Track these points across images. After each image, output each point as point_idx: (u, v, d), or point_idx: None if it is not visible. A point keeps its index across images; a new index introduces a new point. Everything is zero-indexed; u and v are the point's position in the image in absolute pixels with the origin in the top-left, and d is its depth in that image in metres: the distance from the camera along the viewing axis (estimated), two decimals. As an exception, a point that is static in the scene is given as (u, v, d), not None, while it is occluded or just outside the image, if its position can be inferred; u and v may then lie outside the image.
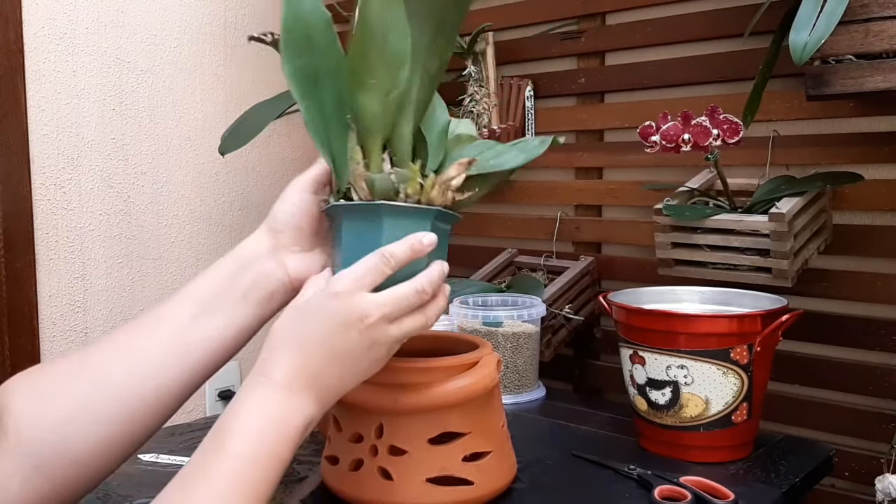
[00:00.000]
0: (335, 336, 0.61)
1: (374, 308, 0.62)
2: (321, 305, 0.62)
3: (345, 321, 0.61)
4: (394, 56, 0.64)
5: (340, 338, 0.61)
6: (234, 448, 0.57)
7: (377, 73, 0.64)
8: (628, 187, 1.34)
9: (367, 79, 0.65)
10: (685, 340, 0.93)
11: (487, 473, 0.79)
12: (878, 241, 1.10)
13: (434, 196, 0.67)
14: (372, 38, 0.63)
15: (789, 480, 0.89)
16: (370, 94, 0.65)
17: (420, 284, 0.65)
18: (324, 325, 0.61)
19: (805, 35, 0.88)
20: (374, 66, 0.64)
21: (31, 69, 1.30)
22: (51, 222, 1.34)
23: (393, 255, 0.63)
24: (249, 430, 0.58)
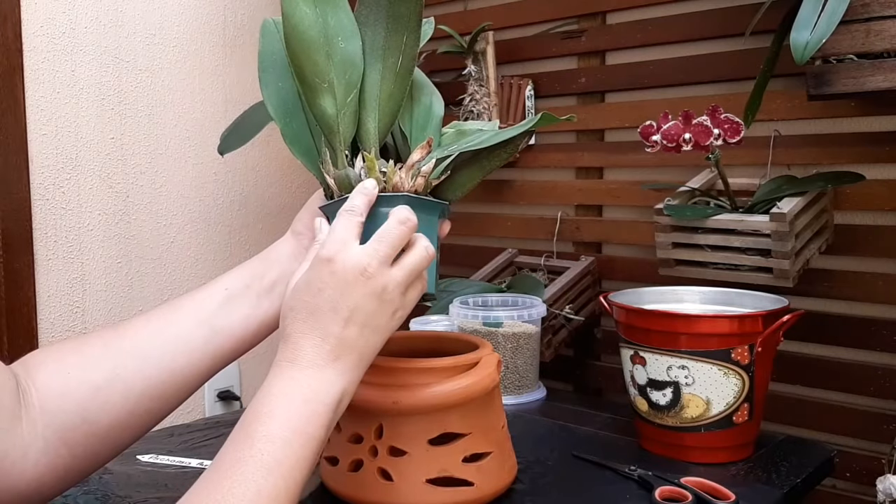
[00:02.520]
0: (342, 298, 0.61)
1: (367, 256, 0.62)
2: (318, 276, 0.62)
3: (345, 280, 0.61)
4: (344, 58, 0.67)
5: (348, 298, 0.61)
6: (262, 432, 0.57)
7: (328, 76, 0.67)
8: (629, 187, 1.34)
9: (318, 83, 0.68)
10: (686, 341, 0.92)
11: (487, 474, 0.79)
12: (879, 241, 1.10)
13: (397, 181, 0.69)
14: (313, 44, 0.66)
15: (790, 481, 0.89)
16: (325, 97, 0.68)
17: (402, 213, 0.65)
18: (327, 292, 0.61)
19: (806, 34, 0.88)
20: (322, 70, 0.67)
21: (29, 68, 1.30)
22: (49, 222, 1.33)
23: (352, 206, 0.65)
24: (276, 412, 0.58)
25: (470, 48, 1.42)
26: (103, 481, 0.88)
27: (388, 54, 0.69)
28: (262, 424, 0.58)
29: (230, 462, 0.57)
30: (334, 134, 0.70)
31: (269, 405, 0.59)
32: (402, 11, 0.68)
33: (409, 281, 0.65)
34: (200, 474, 0.87)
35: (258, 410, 0.59)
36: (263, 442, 0.57)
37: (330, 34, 0.67)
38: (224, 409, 1.56)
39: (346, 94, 0.68)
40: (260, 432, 0.57)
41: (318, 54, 0.67)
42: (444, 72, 1.57)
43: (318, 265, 0.62)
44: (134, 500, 0.85)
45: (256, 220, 1.64)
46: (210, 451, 0.99)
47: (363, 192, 0.66)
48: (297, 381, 0.60)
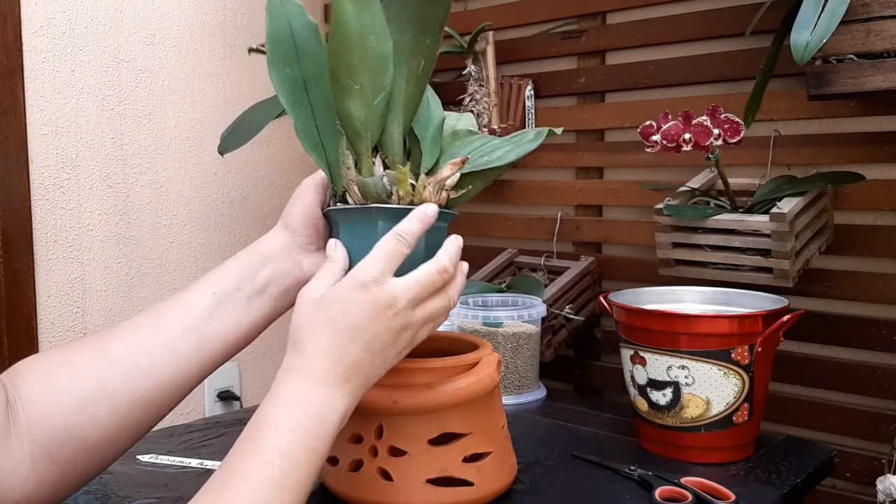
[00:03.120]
0: (367, 325, 0.61)
1: (401, 293, 0.63)
2: (349, 296, 0.62)
3: (374, 310, 0.62)
4: (376, 59, 0.64)
5: (372, 326, 0.62)
6: (272, 444, 0.57)
7: (360, 78, 0.64)
8: (629, 187, 1.34)
9: (350, 84, 0.64)
10: (686, 341, 0.92)
11: (488, 474, 0.79)
12: (879, 241, 1.10)
13: (427, 196, 0.67)
14: (351, 44, 0.63)
15: (790, 481, 0.89)
16: (355, 99, 0.65)
17: (441, 263, 0.65)
18: (355, 316, 0.61)
19: (806, 35, 0.88)
20: (356, 71, 0.64)
21: (29, 69, 1.30)
22: (49, 222, 1.33)
23: (406, 231, 0.64)
24: (287, 427, 0.58)
25: (470, 48, 1.42)
26: (103, 481, 0.88)
27: (413, 57, 0.67)
28: (272, 437, 0.58)
29: (239, 472, 0.57)
30: (360, 138, 0.67)
31: (279, 417, 0.59)
32: (431, 14, 0.66)
33: (425, 324, 0.66)
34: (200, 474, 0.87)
35: (268, 421, 0.59)
36: (272, 454, 0.57)
37: (364, 32, 0.63)
38: (224, 409, 1.56)
39: (375, 96, 0.65)
40: (269, 444, 0.57)
41: (353, 54, 0.63)
42: (444, 72, 1.57)
43: (351, 288, 0.62)
44: (134, 500, 0.85)
45: (256, 220, 1.64)
46: (210, 451, 0.99)
47: (422, 219, 0.65)
48: (309, 397, 0.60)
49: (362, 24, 0.62)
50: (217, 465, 0.94)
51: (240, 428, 1.09)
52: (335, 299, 0.62)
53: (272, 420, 0.59)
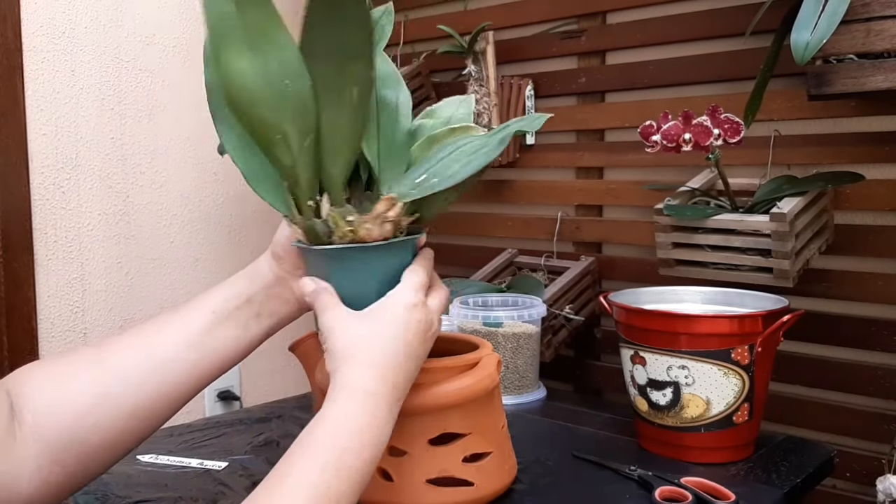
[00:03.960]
0: (415, 345, 0.66)
1: (436, 317, 0.68)
2: (401, 317, 0.65)
3: (423, 329, 0.66)
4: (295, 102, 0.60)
5: (419, 345, 0.66)
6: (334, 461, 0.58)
7: (281, 127, 0.61)
8: (629, 187, 1.34)
9: (270, 136, 0.62)
10: (686, 341, 0.92)
11: (488, 474, 0.79)
12: (879, 241, 1.10)
13: (364, 234, 0.66)
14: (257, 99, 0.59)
15: (790, 481, 0.89)
16: (279, 147, 0.62)
17: (446, 291, 0.71)
18: (410, 337, 0.65)
19: (807, 35, 0.88)
20: (271, 122, 0.61)
21: (29, 68, 1.30)
22: (49, 222, 1.33)
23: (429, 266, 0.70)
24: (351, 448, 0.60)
25: (470, 48, 1.42)
26: (103, 481, 0.88)
27: (343, 88, 0.61)
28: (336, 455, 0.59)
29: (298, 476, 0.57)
30: (295, 184, 0.65)
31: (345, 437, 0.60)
32: (352, 40, 0.59)
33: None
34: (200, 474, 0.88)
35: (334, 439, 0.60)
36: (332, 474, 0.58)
37: (274, 80, 0.59)
38: (224, 409, 1.56)
39: (302, 139, 0.62)
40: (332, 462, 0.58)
41: (263, 107, 0.59)
42: (444, 72, 1.57)
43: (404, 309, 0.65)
44: (134, 499, 0.85)
45: (256, 220, 1.64)
46: (210, 451, 0.99)
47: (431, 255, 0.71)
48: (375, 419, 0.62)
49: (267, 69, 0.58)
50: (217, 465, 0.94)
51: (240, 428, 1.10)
52: (391, 320, 0.65)
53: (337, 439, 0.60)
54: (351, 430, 0.60)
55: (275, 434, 1.05)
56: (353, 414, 0.61)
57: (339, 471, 0.58)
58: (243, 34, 0.57)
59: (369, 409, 0.62)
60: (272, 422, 1.11)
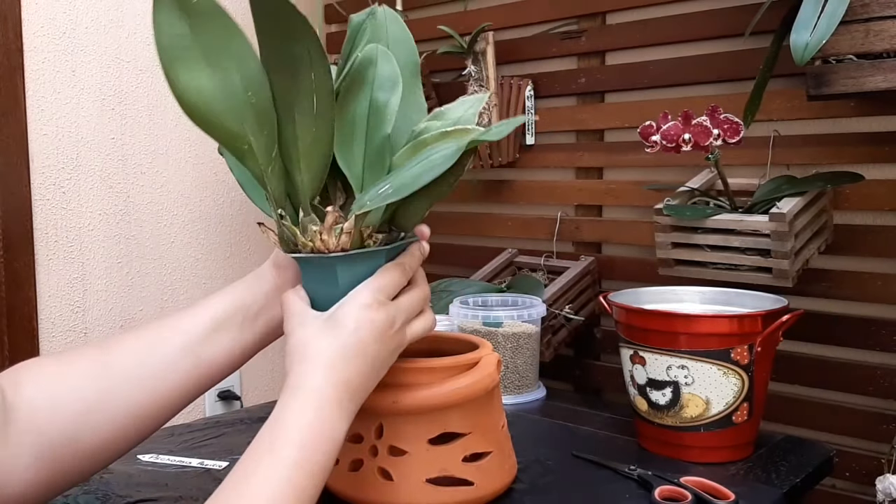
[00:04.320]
0: (373, 346, 0.65)
1: (399, 315, 0.68)
2: (359, 316, 0.65)
3: (380, 330, 0.66)
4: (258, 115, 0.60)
5: (377, 347, 0.66)
6: (289, 457, 0.59)
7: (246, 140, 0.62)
8: (628, 187, 1.34)
9: (238, 148, 0.62)
10: (686, 341, 0.93)
11: (487, 474, 0.79)
12: (878, 240, 1.10)
13: (321, 246, 0.67)
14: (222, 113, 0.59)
15: (790, 481, 0.89)
16: (248, 160, 0.63)
17: (426, 292, 0.72)
18: (364, 335, 0.65)
19: (806, 35, 0.88)
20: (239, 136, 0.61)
21: (30, 69, 1.30)
22: (50, 222, 1.33)
23: (410, 266, 0.70)
24: (303, 442, 0.60)
25: (470, 48, 1.43)
26: (104, 481, 0.88)
27: (300, 99, 0.61)
28: (290, 450, 0.60)
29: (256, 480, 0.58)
30: (272, 193, 0.66)
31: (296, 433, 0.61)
32: (299, 49, 0.59)
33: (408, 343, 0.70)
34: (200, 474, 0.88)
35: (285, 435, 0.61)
36: (291, 470, 0.59)
37: (237, 93, 0.59)
38: (224, 408, 1.57)
39: (269, 150, 0.62)
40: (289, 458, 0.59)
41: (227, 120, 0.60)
42: (444, 72, 1.57)
43: (360, 308, 0.65)
44: (134, 499, 0.85)
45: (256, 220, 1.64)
46: (210, 450, 0.99)
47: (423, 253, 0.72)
48: (323, 416, 0.62)
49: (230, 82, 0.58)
50: (217, 464, 0.94)
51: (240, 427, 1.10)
52: (345, 318, 0.65)
53: (288, 435, 0.61)
54: (299, 427, 0.61)
55: (275, 434, 1.05)
56: (299, 411, 0.62)
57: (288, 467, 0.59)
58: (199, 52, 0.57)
59: (314, 405, 0.62)
60: (272, 421, 1.11)
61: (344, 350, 0.64)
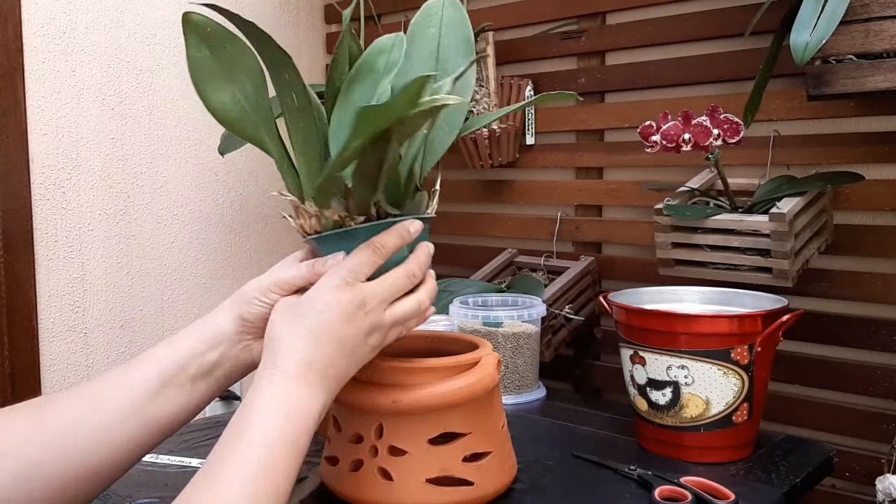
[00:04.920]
0: (340, 327, 0.65)
1: (371, 295, 0.67)
2: (324, 298, 0.65)
3: (347, 310, 0.65)
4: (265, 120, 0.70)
5: (345, 327, 0.65)
6: (259, 439, 0.59)
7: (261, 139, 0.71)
8: (628, 187, 1.34)
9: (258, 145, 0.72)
10: (686, 341, 0.93)
11: (488, 474, 0.79)
12: (878, 241, 1.10)
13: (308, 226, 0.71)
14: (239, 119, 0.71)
15: (790, 481, 0.89)
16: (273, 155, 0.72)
17: (410, 269, 0.70)
18: (329, 316, 0.65)
19: (806, 35, 0.88)
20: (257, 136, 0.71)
21: (30, 69, 1.30)
22: (50, 222, 1.33)
23: (383, 244, 0.68)
24: (272, 421, 0.61)
25: (470, 48, 1.42)
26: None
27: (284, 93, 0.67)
28: (258, 432, 0.60)
29: (228, 467, 0.58)
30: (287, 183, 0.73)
31: (263, 414, 0.61)
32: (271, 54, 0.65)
33: (395, 325, 0.69)
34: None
35: (252, 417, 0.61)
36: (261, 449, 0.59)
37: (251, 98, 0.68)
38: (224, 408, 1.57)
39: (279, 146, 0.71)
40: (256, 439, 0.59)
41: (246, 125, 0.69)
42: (444, 72, 1.57)
43: (326, 289, 0.66)
44: (134, 499, 0.85)
45: (256, 220, 1.64)
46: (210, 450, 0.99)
47: (401, 233, 0.69)
48: (291, 394, 0.63)
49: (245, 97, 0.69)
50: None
51: (240, 427, 1.09)
52: (310, 301, 0.66)
53: (256, 416, 0.61)
54: (268, 410, 0.61)
55: (275, 434, 1.05)
56: (266, 395, 0.62)
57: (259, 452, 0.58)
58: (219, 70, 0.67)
59: (281, 387, 0.62)
60: (272, 421, 1.11)
61: (309, 332, 0.64)
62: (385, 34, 0.73)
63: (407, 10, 1.58)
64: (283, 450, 0.60)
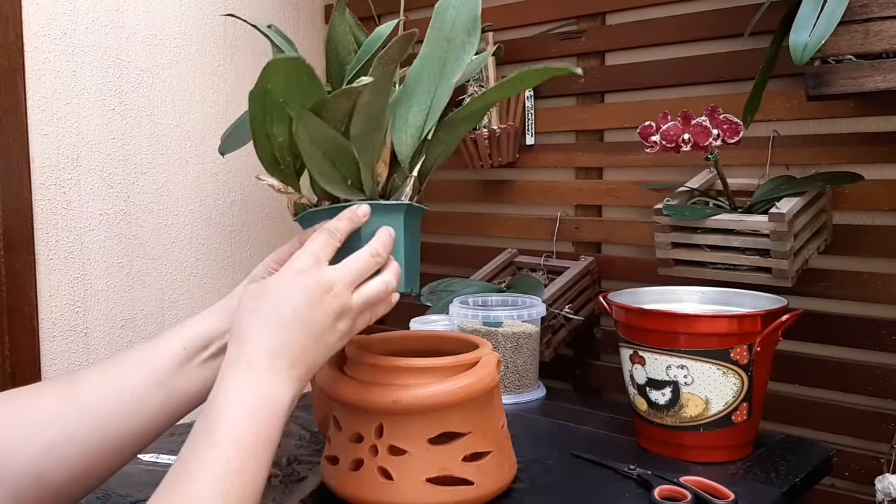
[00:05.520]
0: (307, 311, 0.64)
1: (337, 278, 0.66)
2: (288, 284, 0.64)
3: (314, 295, 0.64)
4: None
5: (312, 312, 0.64)
6: (226, 434, 0.58)
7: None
8: (628, 187, 1.34)
9: None
10: (685, 340, 0.93)
11: (487, 473, 0.79)
12: (877, 240, 1.10)
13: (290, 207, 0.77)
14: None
15: (789, 480, 0.89)
16: None
17: (374, 249, 0.69)
18: (295, 303, 0.64)
19: (805, 36, 0.88)
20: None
21: (30, 68, 1.30)
22: (50, 222, 1.34)
23: (336, 228, 0.69)
24: (240, 416, 0.60)
25: (470, 48, 1.42)
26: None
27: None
28: (226, 427, 0.59)
29: (197, 465, 0.57)
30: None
31: (230, 408, 0.60)
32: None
33: (363, 309, 0.68)
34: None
35: (220, 413, 0.60)
36: (228, 444, 0.58)
37: None
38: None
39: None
40: (224, 435, 0.59)
41: None
42: (444, 72, 1.57)
43: (291, 275, 0.65)
44: (135, 498, 0.85)
45: (256, 220, 1.64)
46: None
47: (351, 217, 0.70)
48: (258, 386, 0.61)
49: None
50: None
51: (240, 427, 1.09)
52: (275, 288, 0.65)
53: (224, 412, 0.60)
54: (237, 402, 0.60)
55: (275, 433, 1.05)
56: (235, 389, 0.61)
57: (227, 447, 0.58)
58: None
59: (248, 378, 0.61)
60: (273, 421, 1.11)
61: (276, 319, 0.63)
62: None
63: (407, 9, 1.58)
64: (252, 445, 0.59)
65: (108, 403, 0.66)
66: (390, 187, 0.76)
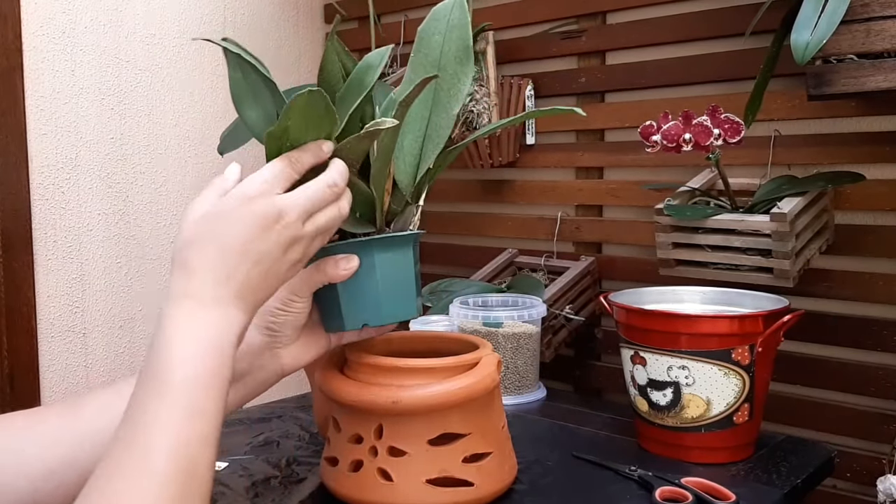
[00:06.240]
0: (255, 240, 0.60)
1: (290, 206, 0.61)
2: (237, 211, 0.60)
3: (264, 223, 0.60)
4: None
5: (260, 241, 0.60)
6: (178, 378, 0.55)
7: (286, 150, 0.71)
8: (629, 187, 1.34)
9: None
10: (686, 341, 0.92)
11: (488, 474, 0.79)
12: (879, 241, 1.10)
13: None
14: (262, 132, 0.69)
15: (791, 481, 0.89)
16: None
17: (332, 177, 0.65)
18: (243, 230, 0.59)
19: (807, 35, 0.88)
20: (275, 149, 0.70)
21: (29, 68, 1.30)
22: (49, 222, 1.33)
23: (298, 159, 0.64)
24: (188, 356, 0.56)
25: (470, 48, 1.42)
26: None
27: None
28: (175, 370, 0.55)
29: (151, 416, 0.53)
30: None
31: (177, 349, 0.56)
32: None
33: (315, 237, 0.64)
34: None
35: (166, 355, 0.56)
36: (179, 388, 0.54)
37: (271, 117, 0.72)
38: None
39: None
40: (174, 378, 0.54)
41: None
42: (444, 72, 1.57)
43: (238, 202, 0.60)
44: None
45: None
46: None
47: (315, 151, 0.65)
48: (204, 321, 0.57)
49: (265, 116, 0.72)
50: (217, 464, 0.94)
51: (239, 428, 1.10)
52: (222, 215, 0.60)
53: (170, 353, 0.56)
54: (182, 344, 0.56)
55: (275, 434, 1.05)
56: (181, 327, 0.57)
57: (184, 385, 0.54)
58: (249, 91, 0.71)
59: (194, 316, 0.57)
60: (272, 422, 1.11)
61: (221, 249, 0.59)
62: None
63: (407, 9, 1.58)
64: (205, 385, 0.55)
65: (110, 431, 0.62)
66: (390, 214, 0.76)
